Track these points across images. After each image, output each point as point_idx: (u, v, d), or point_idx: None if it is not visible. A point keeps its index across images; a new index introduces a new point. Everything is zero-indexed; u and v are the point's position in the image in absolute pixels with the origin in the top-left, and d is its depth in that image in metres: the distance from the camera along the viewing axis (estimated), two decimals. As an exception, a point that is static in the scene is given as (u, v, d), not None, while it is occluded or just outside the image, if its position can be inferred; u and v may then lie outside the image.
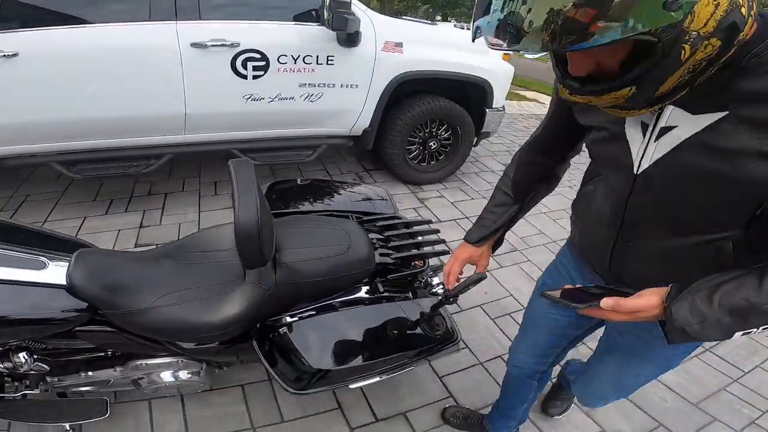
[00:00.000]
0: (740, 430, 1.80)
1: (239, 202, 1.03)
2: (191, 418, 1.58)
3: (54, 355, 1.30)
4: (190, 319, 1.16)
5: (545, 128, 1.04)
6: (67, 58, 2.09)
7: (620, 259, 0.89)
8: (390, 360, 1.29)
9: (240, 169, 1.10)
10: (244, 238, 1.03)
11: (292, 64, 2.46)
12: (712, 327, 0.67)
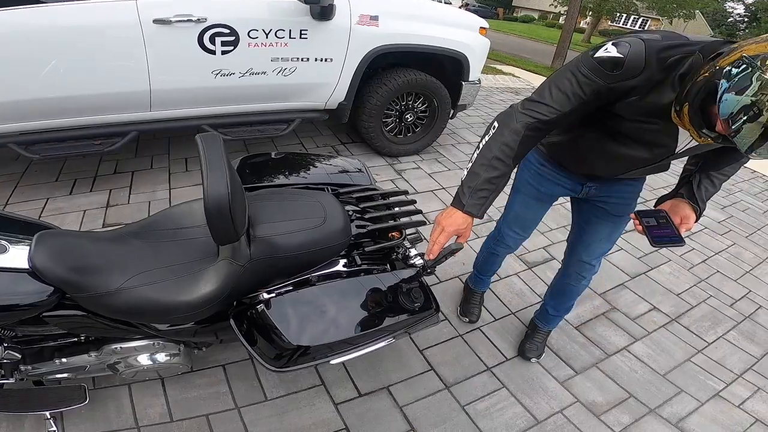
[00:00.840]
0: (704, 402, 1.93)
1: (208, 177, 1.01)
2: (174, 400, 1.61)
3: (26, 342, 1.29)
4: (162, 300, 1.14)
5: (561, 114, 1.12)
6: (21, 39, 2.00)
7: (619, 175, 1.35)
8: (370, 333, 1.29)
9: (208, 143, 1.08)
10: (215, 214, 1.01)
11: (264, 39, 2.42)
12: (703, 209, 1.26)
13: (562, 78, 1.11)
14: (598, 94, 1.08)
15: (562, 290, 1.84)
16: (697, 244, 3.15)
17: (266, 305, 1.21)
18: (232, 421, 1.57)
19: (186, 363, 1.46)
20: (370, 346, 1.32)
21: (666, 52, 1.01)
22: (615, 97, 1.09)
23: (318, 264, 1.32)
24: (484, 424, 1.70)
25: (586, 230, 1.61)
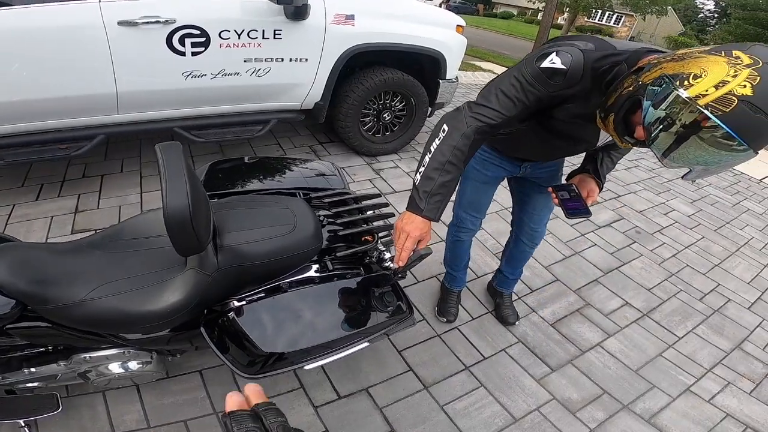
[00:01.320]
0: (676, 397, 2.00)
1: (167, 188, 1.00)
2: (150, 407, 1.61)
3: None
4: (128, 310, 1.13)
5: (507, 119, 1.20)
6: None
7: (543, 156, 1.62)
8: (343, 338, 1.30)
9: (167, 152, 1.05)
10: (175, 226, 1.00)
11: (236, 40, 2.40)
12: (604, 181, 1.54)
13: (507, 83, 1.19)
14: (540, 100, 1.17)
15: (517, 257, 2.08)
16: (667, 238, 3.26)
17: (236, 313, 1.22)
18: (210, 427, 1.58)
19: (159, 370, 1.45)
20: (343, 351, 1.32)
21: (598, 62, 1.11)
22: (554, 103, 1.21)
23: (289, 271, 1.32)
24: (463, 423, 1.74)
25: (528, 202, 1.87)
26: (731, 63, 0.84)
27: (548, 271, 2.65)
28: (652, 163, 4.67)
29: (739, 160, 0.90)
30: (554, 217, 3.17)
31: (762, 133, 0.84)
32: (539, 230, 1.93)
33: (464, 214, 1.90)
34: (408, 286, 2.34)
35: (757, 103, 0.81)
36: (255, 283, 1.29)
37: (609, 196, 3.70)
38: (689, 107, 0.86)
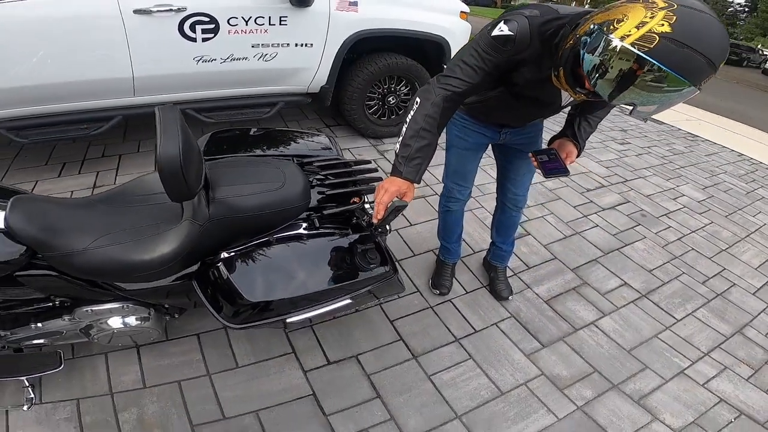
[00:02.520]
0: (669, 379, 1.88)
1: (161, 140, 1.04)
2: (147, 368, 1.63)
3: (4, 308, 1.31)
4: (126, 259, 1.17)
5: (471, 86, 1.26)
6: (7, 30, 2.00)
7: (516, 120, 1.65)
8: (326, 292, 1.33)
9: (164, 111, 1.11)
10: (167, 172, 1.04)
11: (244, 26, 2.40)
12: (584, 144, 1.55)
13: (468, 54, 1.25)
14: (497, 66, 1.23)
15: (504, 224, 2.05)
16: (673, 222, 3.09)
17: (225, 264, 1.25)
18: (202, 387, 1.59)
19: (157, 328, 1.46)
20: (326, 306, 1.35)
21: (544, 26, 1.16)
22: (511, 68, 1.26)
23: (278, 226, 1.34)
24: (449, 393, 1.69)
25: (510, 168, 1.86)
26: (647, 7, 0.92)
27: (546, 250, 2.55)
28: (666, 150, 4.46)
29: (683, 95, 0.95)
30: (556, 198, 3.06)
31: (693, 65, 0.89)
32: (521, 195, 1.93)
33: (452, 183, 1.89)
34: (404, 260, 2.29)
35: (678, 38, 0.88)
36: (245, 236, 1.31)
37: (616, 180, 3.53)
38: (617, 48, 0.93)
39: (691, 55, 0.88)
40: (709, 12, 0.92)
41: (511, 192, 1.91)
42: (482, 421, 1.61)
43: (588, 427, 1.64)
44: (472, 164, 1.84)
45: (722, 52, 0.91)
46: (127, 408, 1.49)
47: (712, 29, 0.90)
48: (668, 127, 5.35)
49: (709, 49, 0.89)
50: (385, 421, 1.56)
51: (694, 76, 0.90)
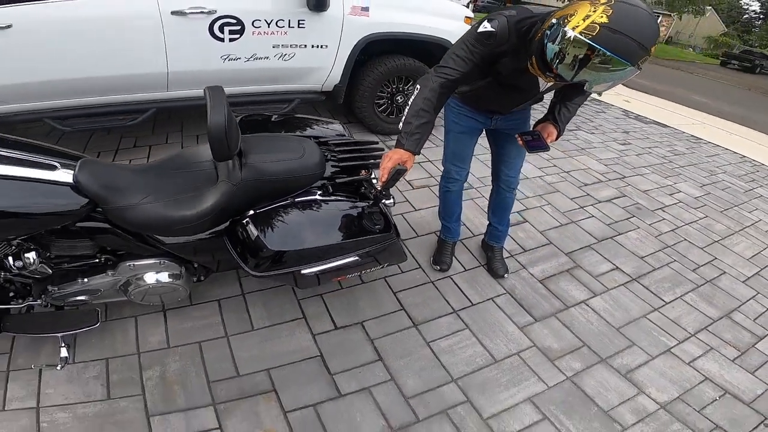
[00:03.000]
0: (655, 356, 1.93)
1: (211, 109, 1.23)
2: (172, 330, 1.73)
3: (56, 262, 1.45)
4: (168, 214, 1.36)
5: (462, 74, 1.43)
6: (56, 28, 2.16)
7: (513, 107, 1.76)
8: (335, 247, 1.50)
9: (213, 90, 1.32)
10: (215, 133, 1.23)
11: (266, 28, 2.54)
12: (563, 130, 1.71)
13: (459, 48, 1.43)
14: (483, 57, 1.40)
15: (499, 205, 2.15)
16: (668, 215, 3.13)
17: (252, 220, 1.44)
18: (220, 347, 1.69)
19: (185, 286, 1.59)
20: (335, 260, 1.52)
21: (519, 24, 1.34)
22: (494, 59, 1.43)
23: (297, 190, 1.52)
24: (446, 359, 1.77)
25: (503, 153, 1.98)
26: (592, 3, 1.11)
27: (543, 236, 2.62)
28: (666, 151, 4.47)
29: (626, 74, 1.16)
30: (555, 191, 3.12)
31: (627, 48, 1.09)
32: (513, 176, 2.03)
33: (450, 165, 2.02)
34: (408, 239, 2.39)
35: (613, 26, 1.08)
36: (269, 198, 1.48)
37: (614, 176, 3.58)
38: (570, 37, 1.13)
39: (625, 40, 1.08)
40: (641, 5, 1.11)
41: (504, 174, 2.02)
42: (476, 385, 1.68)
43: (577, 396, 1.69)
44: (467, 147, 1.97)
45: (651, 38, 1.11)
46: (152, 366, 1.58)
47: (642, 19, 1.10)
48: (672, 130, 5.34)
49: (639, 35, 1.09)
50: (386, 381, 1.64)
51: (630, 56, 1.11)
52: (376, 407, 1.55)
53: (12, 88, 2.19)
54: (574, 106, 1.71)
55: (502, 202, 2.13)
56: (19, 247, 1.36)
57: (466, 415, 1.57)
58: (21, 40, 2.08)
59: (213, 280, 1.89)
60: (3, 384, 1.45)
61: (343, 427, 1.47)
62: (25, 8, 2.07)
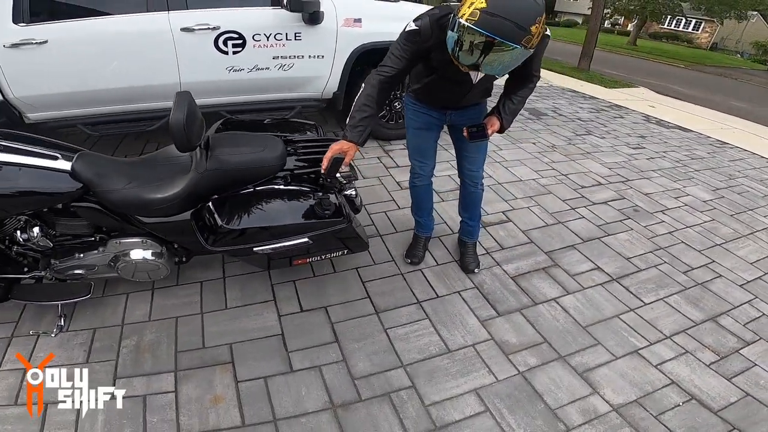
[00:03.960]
0: (619, 357, 1.77)
1: (173, 110, 1.35)
2: (156, 306, 1.84)
3: (57, 238, 1.63)
4: (146, 197, 1.51)
5: (399, 71, 1.48)
6: (85, 43, 2.39)
7: (462, 103, 1.75)
8: (286, 227, 1.59)
9: (179, 95, 1.43)
10: (174, 129, 1.35)
11: (266, 41, 2.64)
12: (509, 122, 1.69)
13: (394, 47, 1.48)
14: (413, 54, 1.45)
15: (467, 199, 2.08)
16: (668, 218, 2.88)
17: (213, 203, 1.56)
18: (194, 322, 1.77)
19: (166, 265, 1.70)
20: (285, 241, 1.60)
21: (440, 20, 1.37)
22: (425, 54, 1.47)
23: (258, 179, 1.61)
24: (399, 345, 1.74)
25: (463, 147, 1.93)
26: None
27: (525, 235, 2.50)
28: (683, 155, 4.14)
29: (519, 54, 1.21)
30: (547, 193, 2.98)
31: (505, 29, 1.13)
32: (476, 171, 1.98)
33: (414, 161, 2.01)
34: (387, 235, 2.39)
35: (490, 10, 1.12)
36: (233, 187, 1.59)
37: (616, 180, 3.36)
38: (459, 24, 1.18)
39: (502, 22, 1.12)
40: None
41: (466, 168, 1.98)
42: (424, 372, 1.63)
43: (524, 391, 1.59)
44: (427, 143, 1.94)
45: (529, 17, 1.14)
46: (130, 336, 1.68)
47: (518, 1, 1.14)
48: (695, 134, 4.93)
49: (516, 16, 1.12)
50: (338, 362, 1.64)
51: (510, 37, 1.14)
52: (323, 384, 1.55)
53: (49, 98, 2.43)
54: (518, 98, 1.68)
55: (469, 196, 2.07)
56: (26, 223, 1.56)
57: (408, 399, 1.52)
58: (56, 54, 2.32)
59: (199, 263, 1.99)
60: (4, 347, 1.60)
61: (287, 400, 1.49)
62: (59, 25, 2.31)
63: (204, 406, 1.45)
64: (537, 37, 1.20)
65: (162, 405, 1.45)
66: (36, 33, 2.28)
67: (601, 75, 8.52)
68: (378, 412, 1.47)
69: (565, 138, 4.18)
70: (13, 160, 1.41)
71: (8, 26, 2.25)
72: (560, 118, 4.90)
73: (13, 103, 2.41)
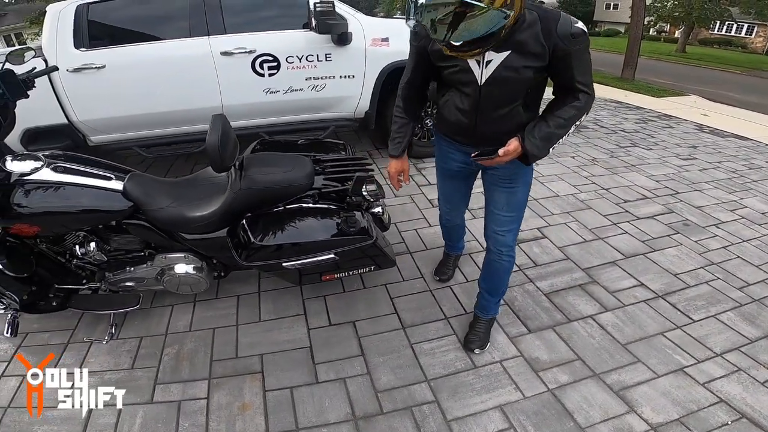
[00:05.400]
0: (661, 375, 1.65)
1: (209, 132, 1.45)
2: (197, 318, 1.95)
3: (111, 253, 1.78)
4: (187, 215, 1.62)
5: (413, 75, 1.48)
6: (138, 67, 2.64)
7: (480, 129, 1.38)
8: (313, 244, 1.64)
9: (214, 118, 1.53)
10: (209, 150, 1.44)
11: (298, 63, 2.79)
12: (540, 149, 1.27)
13: (409, 53, 1.47)
14: (419, 52, 1.40)
15: (488, 269, 1.70)
16: (722, 231, 2.67)
17: (247, 221, 1.63)
18: (229, 333, 1.86)
19: (207, 279, 1.81)
20: (313, 257, 1.65)
21: None
22: (427, 52, 1.36)
23: (288, 198, 1.68)
24: (424, 360, 1.72)
25: (489, 201, 1.60)
26: None
27: (560, 251, 2.41)
28: (740, 165, 3.84)
29: (491, 19, 1.08)
30: (586, 208, 2.87)
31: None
32: (502, 236, 1.58)
33: (441, 205, 1.88)
34: (416, 252, 2.39)
35: None
36: (265, 204, 1.67)
37: (663, 193, 3.16)
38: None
39: None
40: None
41: (492, 230, 1.60)
42: (448, 387, 1.60)
43: (553, 409, 1.52)
44: (456, 191, 1.75)
45: None
46: (172, 345, 1.79)
47: None
48: (753, 143, 4.57)
49: None
50: (362, 375, 1.65)
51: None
52: (346, 396, 1.56)
53: (108, 121, 2.69)
54: (557, 120, 1.27)
55: (490, 265, 1.67)
56: (84, 238, 1.72)
57: (430, 414, 1.50)
58: (113, 78, 2.56)
59: (236, 278, 2.10)
60: (60, 352, 1.76)
61: (311, 410, 1.51)
62: (115, 50, 2.56)
63: (232, 413, 1.51)
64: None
65: (194, 410, 1.52)
66: (95, 58, 2.54)
67: (647, 84, 8.15)
68: (399, 425, 1.46)
69: (607, 151, 4.02)
70: (74, 181, 1.57)
71: (70, 50, 2.51)
72: (602, 130, 4.73)
73: (77, 126, 2.68)
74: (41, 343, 1.81)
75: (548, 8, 1.21)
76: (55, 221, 1.57)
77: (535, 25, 1.17)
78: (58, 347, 1.78)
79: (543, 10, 1.19)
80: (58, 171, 1.56)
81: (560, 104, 1.28)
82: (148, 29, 2.67)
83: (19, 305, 1.66)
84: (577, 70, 1.22)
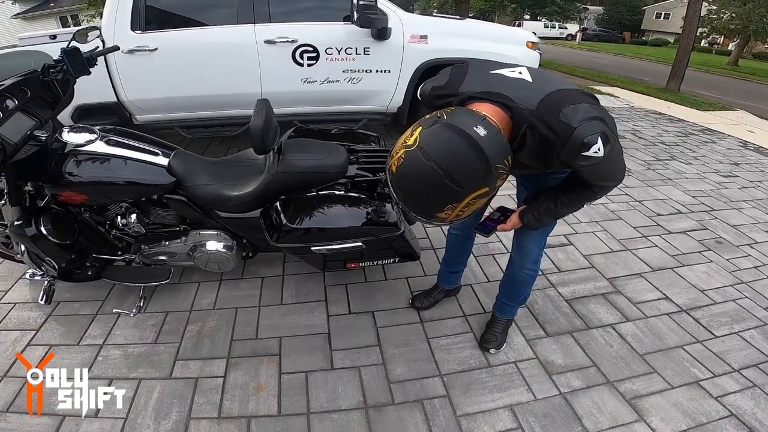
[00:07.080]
0: (675, 386, 1.63)
1: (254, 116, 1.47)
2: (221, 296, 2.00)
3: (149, 226, 1.86)
4: (225, 193, 1.66)
5: None
6: (188, 51, 2.73)
7: None
8: (342, 230, 1.65)
9: (259, 102, 1.56)
10: (253, 132, 1.46)
11: (337, 55, 2.83)
12: (542, 223, 1.33)
13: None
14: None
15: (509, 277, 1.69)
16: (756, 252, 2.55)
17: (281, 203, 1.67)
18: (251, 314, 1.90)
19: (236, 258, 1.86)
20: (340, 243, 1.67)
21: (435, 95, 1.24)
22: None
23: (321, 184, 1.71)
24: (440, 355, 1.73)
25: (516, 242, 1.59)
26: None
27: (586, 259, 2.36)
28: None
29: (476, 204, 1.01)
30: (616, 218, 2.80)
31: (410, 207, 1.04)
32: (525, 248, 1.56)
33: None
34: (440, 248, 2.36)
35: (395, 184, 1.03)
36: (299, 189, 1.69)
37: (699, 209, 3.04)
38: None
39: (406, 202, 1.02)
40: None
41: (516, 240, 1.58)
42: (461, 384, 1.61)
43: (563, 412, 1.51)
44: (458, 250, 1.85)
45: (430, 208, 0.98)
46: (195, 322, 1.84)
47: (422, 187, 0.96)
48: (802, 163, 4.32)
49: (418, 207, 1.01)
50: (377, 365, 1.67)
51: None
52: (360, 384, 1.59)
53: (154, 101, 2.81)
54: (564, 202, 1.25)
55: (511, 275, 1.66)
56: (126, 210, 1.80)
57: (440, 408, 1.52)
58: (164, 61, 2.67)
59: (262, 261, 2.16)
60: (87, 323, 1.84)
61: (323, 395, 1.55)
62: (167, 34, 2.66)
63: (247, 393, 1.55)
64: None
65: (210, 388, 1.57)
66: (149, 40, 2.65)
67: (693, 96, 7.80)
68: (408, 417, 1.48)
69: (644, 163, 3.90)
70: (124, 154, 1.65)
71: (127, 32, 2.63)
72: (640, 141, 4.57)
73: (125, 105, 2.81)
74: (71, 312, 1.89)
75: (561, 122, 0.98)
76: (102, 191, 1.66)
77: (535, 148, 1.05)
78: (87, 318, 1.85)
79: (549, 127, 1.00)
80: (110, 144, 1.64)
81: (574, 188, 1.22)
82: (199, 15, 2.77)
83: (57, 272, 1.75)
84: (593, 178, 1.13)
